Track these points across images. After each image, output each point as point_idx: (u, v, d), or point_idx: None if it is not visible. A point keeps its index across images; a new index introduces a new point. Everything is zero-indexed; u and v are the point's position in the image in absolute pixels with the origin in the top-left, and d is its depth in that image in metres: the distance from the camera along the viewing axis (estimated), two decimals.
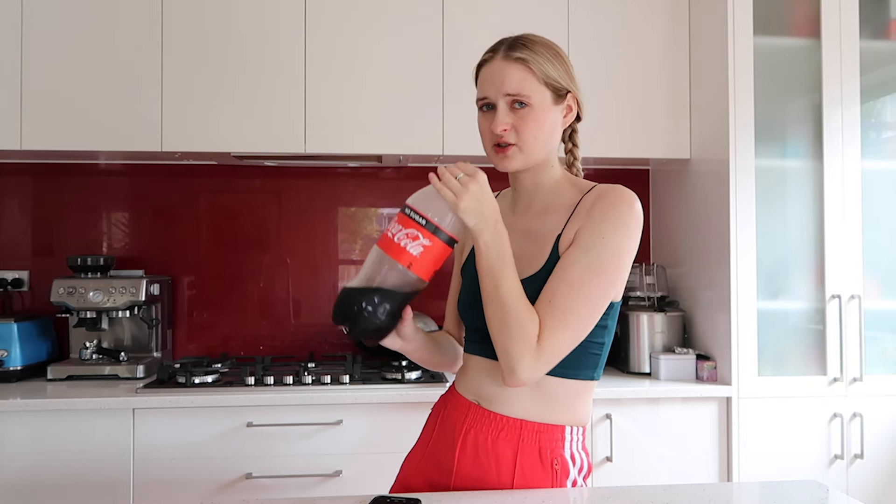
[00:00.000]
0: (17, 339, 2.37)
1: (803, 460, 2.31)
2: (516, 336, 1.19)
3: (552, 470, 1.28)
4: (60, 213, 2.71)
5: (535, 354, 1.19)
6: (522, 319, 1.19)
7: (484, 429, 1.31)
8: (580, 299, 1.21)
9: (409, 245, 1.18)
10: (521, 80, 1.27)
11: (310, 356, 2.61)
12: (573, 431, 1.31)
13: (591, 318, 1.24)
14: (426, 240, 1.18)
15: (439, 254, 1.20)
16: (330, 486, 2.17)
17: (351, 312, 1.19)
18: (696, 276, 2.56)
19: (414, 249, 1.17)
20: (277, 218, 2.80)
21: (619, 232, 1.24)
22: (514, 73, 1.28)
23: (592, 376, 1.32)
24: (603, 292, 1.24)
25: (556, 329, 1.20)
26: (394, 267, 1.18)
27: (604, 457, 2.26)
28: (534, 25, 2.47)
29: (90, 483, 2.10)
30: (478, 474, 1.29)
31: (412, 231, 1.18)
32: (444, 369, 1.52)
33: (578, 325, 1.22)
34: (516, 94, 1.27)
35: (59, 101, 2.36)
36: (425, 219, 1.18)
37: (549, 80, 1.28)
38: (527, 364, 1.19)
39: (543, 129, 1.28)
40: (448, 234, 1.19)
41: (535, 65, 1.27)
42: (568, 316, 1.21)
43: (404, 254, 1.18)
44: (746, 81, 2.33)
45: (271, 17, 2.42)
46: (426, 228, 1.18)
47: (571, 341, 1.23)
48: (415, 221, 1.18)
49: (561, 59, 1.31)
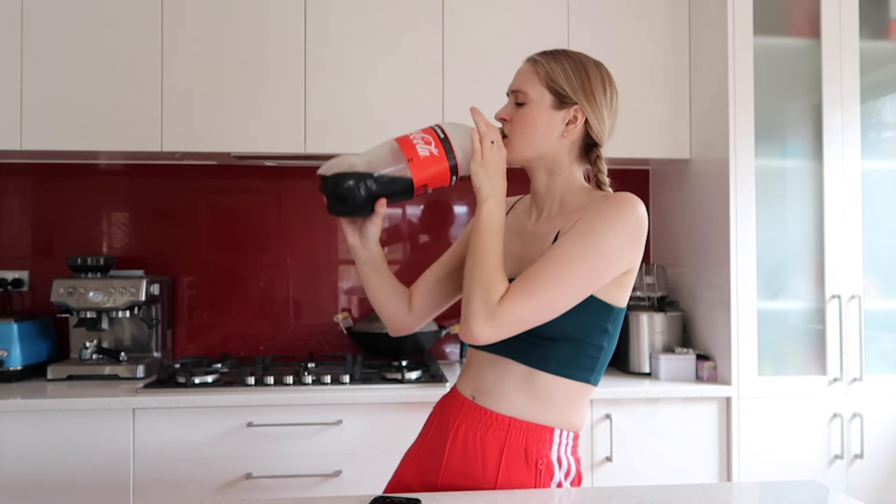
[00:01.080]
0: (17, 339, 2.37)
1: (803, 460, 2.31)
2: (481, 291, 1.23)
3: (536, 470, 1.29)
4: (60, 213, 2.71)
5: (490, 312, 1.22)
6: (492, 278, 1.24)
7: (474, 424, 1.33)
8: (553, 277, 1.23)
9: (419, 145, 1.27)
10: (525, 80, 1.34)
11: (310, 356, 2.61)
12: (563, 435, 1.32)
13: (561, 300, 1.24)
14: (436, 150, 1.27)
15: (439, 171, 1.28)
16: (330, 486, 2.17)
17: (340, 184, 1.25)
18: (696, 276, 2.56)
19: (422, 151, 1.27)
20: (277, 218, 2.80)
21: (612, 226, 1.25)
22: (523, 72, 1.36)
23: (589, 380, 1.32)
24: (581, 278, 1.24)
25: (520, 296, 1.23)
26: (396, 156, 1.26)
27: (604, 457, 2.26)
28: (534, 25, 2.49)
29: (90, 483, 2.10)
30: (465, 469, 1.31)
31: (429, 138, 1.28)
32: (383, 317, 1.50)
33: (544, 301, 1.23)
34: (516, 89, 1.35)
35: (59, 101, 2.36)
36: (447, 137, 1.28)
37: (552, 84, 1.32)
38: (481, 319, 1.22)
39: (533, 128, 1.32)
40: (457, 160, 1.28)
41: (542, 67, 1.33)
42: (537, 288, 1.23)
43: (412, 149, 1.26)
44: (746, 81, 2.33)
45: (271, 17, 2.42)
46: (442, 144, 1.27)
47: (533, 313, 1.23)
48: (436, 134, 1.28)
49: (582, 73, 1.33)
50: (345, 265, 2.82)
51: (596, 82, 1.34)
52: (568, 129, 1.33)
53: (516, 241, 1.37)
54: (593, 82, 1.33)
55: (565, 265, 1.23)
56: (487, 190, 1.27)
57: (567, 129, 1.33)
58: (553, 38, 2.48)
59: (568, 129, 1.33)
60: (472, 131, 1.29)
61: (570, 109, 1.32)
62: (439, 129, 1.29)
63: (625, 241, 1.26)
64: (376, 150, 1.29)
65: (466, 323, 1.24)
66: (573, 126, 1.33)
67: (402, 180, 1.27)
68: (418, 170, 1.27)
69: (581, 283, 1.24)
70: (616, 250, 1.25)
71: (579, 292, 1.25)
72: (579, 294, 1.25)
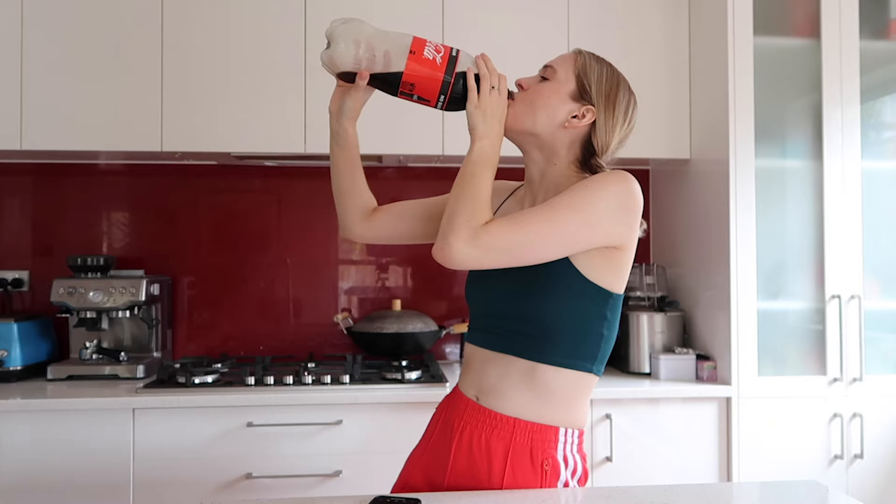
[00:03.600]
0: (17, 339, 2.37)
1: (803, 460, 2.31)
2: (466, 211, 1.22)
3: (542, 470, 1.29)
4: (60, 213, 2.71)
5: (473, 231, 1.21)
6: (479, 203, 1.23)
7: (479, 426, 1.32)
8: (544, 219, 1.23)
9: (428, 47, 1.29)
10: (563, 60, 1.36)
11: (310, 356, 2.61)
12: (567, 433, 1.32)
13: (547, 240, 1.23)
14: (440, 59, 1.28)
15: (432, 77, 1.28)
16: (330, 486, 2.17)
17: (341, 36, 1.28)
18: (696, 276, 2.56)
19: (428, 52, 1.28)
20: (277, 218, 2.80)
21: (605, 189, 1.25)
22: (564, 55, 1.38)
23: (591, 369, 1.32)
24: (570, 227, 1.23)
25: (507, 225, 1.23)
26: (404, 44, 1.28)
27: (604, 457, 2.26)
28: (534, 25, 2.49)
29: (90, 483, 2.10)
30: (471, 471, 1.31)
31: (441, 48, 1.29)
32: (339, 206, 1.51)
33: (530, 237, 1.22)
34: (549, 65, 1.36)
35: (59, 101, 2.36)
36: (456, 58, 1.29)
37: (581, 75, 1.33)
38: (462, 237, 1.20)
39: (543, 102, 1.33)
40: (452, 79, 1.28)
41: (582, 58, 1.35)
42: (522, 221, 1.23)
43: (420, 46, 1.28)
44: (746, 81, 2.33)
45: (271, 17, 2.42)
46: (449, 59, 1.29)
47: (516, 245, 1.22)
48: (449, 52, 1.30)
49: (613, 83, 1.34)
50: (345, 265, 2.82)
51: (622, 98, 1.34)
52: (572, 122, 1.32)
53: None
54: (619, 96, 1.34)
55: (556, 210, 1.23)
56: (482, 130, 1.28)
57: (571, 122, 1.32)
58: (553, 37, 2.49)
59: (572, 122, 1.32)
60: (469, 70, 1.30)
61: (582, 106, 1.32)
62: (455, 50, 1.31)
63: (616, 205, 1.25)
64: (392, 33, 1.31)
65: (446, 238, 1.21)
66: (577, 122, 1.32)
67: (392, 66, 1.28)
68: (414, 64, 1.27)
69: (569, 232, 1.24)
70: (607, 210, 1.25)
71: (564, 239, 1.24)
72: (564, 242, 1.24)
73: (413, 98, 1.31)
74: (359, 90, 1.34)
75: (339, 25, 1.29)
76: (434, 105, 1.32)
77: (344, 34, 1.28)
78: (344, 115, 1.40)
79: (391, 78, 1.29)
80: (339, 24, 1.29)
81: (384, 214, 1.52)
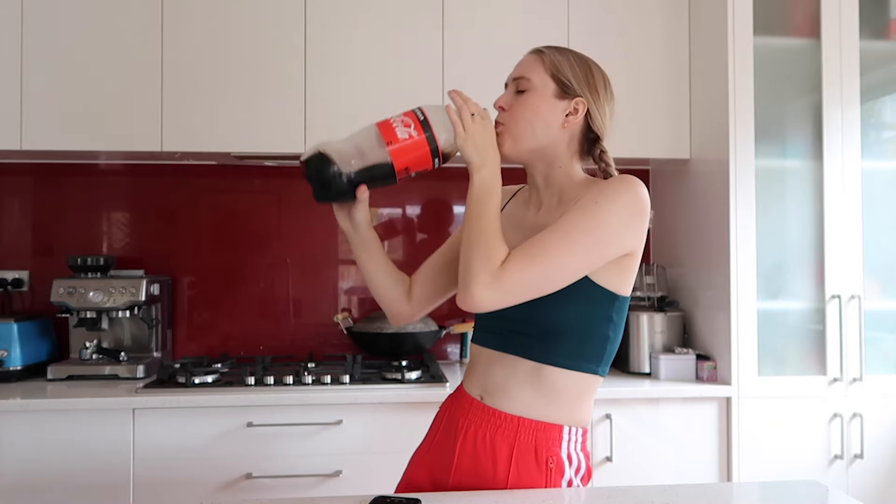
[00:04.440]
0: (17, 339, 2.37)
1: (803, 460, 2.31)
2: (480, 255, 1.22)
3: (546, 468, 1.29)
4: (60, 213, 2.71)
5: (492, 275, 1.21)
6: (491, 243, 1.23)
7: (483, 425, 1.33)
8: (557, 245, 1.22)
9: (398, 129, 1.26)
10: (529, 66, 1.34)
11: (310, 356, 2.61)
12: (572, 432, 1.32)
13: (564, 269, 1.23)
14: (415, 132, 1.26)
15: (419, 153, 1.27)
16: (330, 486, 2.17)
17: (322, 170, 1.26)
18: (696, 276, 2.56)
19: (401, 133, 1.26)
20: (277, 218, 2.80)
21: (614, 202, 1.25)
22: (527, 60, 1.36)
23: (596, 371, 1.32)
24: (584, 249, 1.23)
25: (523, 261, 1.22)
26: (377, 140, 1.26)
27: (604, 457, 2.26)
28: (534, 25, 2.49)
29: (90, 483, 2.10)
30: (475, 469, 1.31)
31: (409, 120, 1.27)
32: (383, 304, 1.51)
33: (547, 268, 1.22)
34: (520, 76, 1.34)
35: (59, 101, 2.36)
36: (426, 119, 1.27)
37: (556, 73, 1.32)
38: (482, 282, 1.21)
39: (535, 114, 1.32)
40: (437, 142, 1.27)
41: (548, 57, 1.33)
42: (538, 254, 1.22)
43: (391, 133, 1.26)
44: (746, 81, 2.33)
45: (271, 16, 2.42)
46: (421, 125, 1.27)
47: (535, 280, 1.22)
48: (416, 117, 1.28)
49: (586, 68, 1.34)
50: (345, 265, 2.82)
51: (598, 78, 1.35)
52: (568, 119, 1.33)
53: (516, 233, 1.36)
54: (596, 77, 1.34)
55: (569, 235, 1.23)
56: (477, 161, 1.26)
57: (567, 119, 1.33)
58: (553, 37, 2.46)
59: (568, 119, 1.33)
60: (448, 107, 1.28)
61: (571, 101, 1.32)
62: (419, 111, 1.28)
63: (627, 217, 1.25)
64: (358, 135, 1.29)
65: (467, 287, 1.22)
66: (573, 118, 1.33)
67: (382, 165, 1.27)
68: (399, 154, 1.26)
69: (584, 254, 1.24)
70: (619, 225, 1.25)
71: (582, 264, 1.24)
72: (582, 266, 1.24)
73: (412, 175, 1.31)
74: (364, 202, 1.33)
75: (312, 162, 1.26)
76: (432, 168, 1.31)
77: (320, 170, 1.26)
78: (361, 226, 1.39)
79: (384, 174, 1.28)
80: (311, 158, 1.27)
81: (418, 286, 1.51)
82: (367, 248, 1.43)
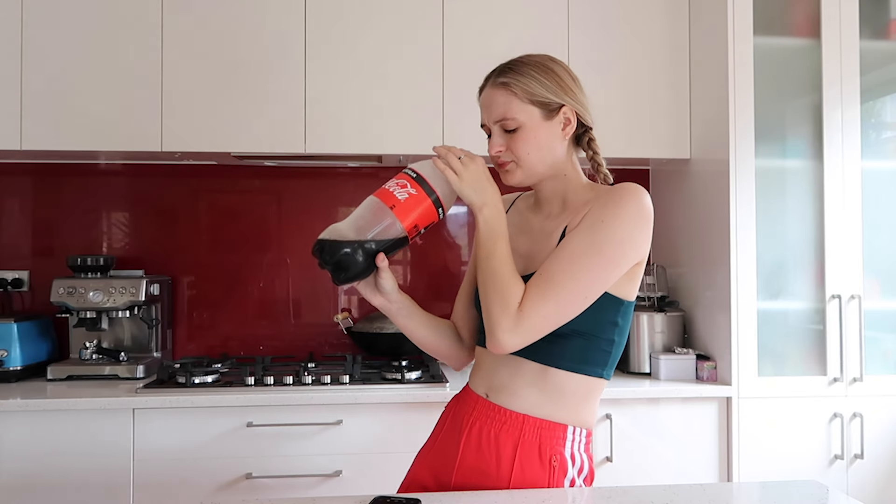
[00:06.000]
0: (17, 339, 2.37)
1: (803, 460, 2.31)
2: (499, 300, 1.24)
3: (550, 467, 1.30)
4: (60, 213, 2.71)
5: (514, 319, 1.23)
6: (507, 285, 1.25)
7: (488, 422, 1.34)
8: (568, 274, 1.24)
9: (396, 191, 1.29)
10: (505, 105, 1.32)
11: (310, 356, 2.61)
12: (576, 432, 1.33)
13: (580, 295, 1.25)
14: (413, 189, 1.29)
15: (424, 209, 1.29)
16: (330, 486, 2.17)
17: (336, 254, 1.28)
18: (696, 276, 2.56)
19: (400, 195, 1.29)
20: (277, 218, 2.80)
21: (620, 218, 1.26)
22: (498, 98, 1.33)
23: (602, 374, 1.33)
24: (595, 272, 1.25)
25: (539, 299, 1.24)
26: (380, 209, 1.28)
27: (604, 457, 2.26)
28: (533, 25, 2.49)
29: (90, 483, 2.10)
30: (479, 466, 1.32)
31: (403, 182, 1.30)
32: (441, 356, 1.52)
33: (563, 299, 1.24)
34: (502, 118, 1.33)
35: (59, 101, 2.36)
36: (419, 175, 1.30)
37: (534, 99, 1.32)
38: (505, 327, 1.23)
39: (536, 145, 1.33)
40: (436, 194, 1.29)
41: (517, 87, 1.32)
42: (554, 287, 1.24)
43: (391, 197, 1.29)
44: (746, 81, 2.33)
45: (271, 17, 2.42)
46: (417, 182, 1.30)
47: (555, 314, 1.24)
48: (409, 176, 1.31)
49: (552, 74, 1.33)
50: None
51: (565, 76, 1.35)
52: (566, 131, 1.35)
53: (522, 239, 1.38)
54: (563, 78, 1.35)
55: (579, 260, 1.24)
56: (478, 201, 1.28)
57: (565, 132, 1.35)
58: (553, 38, 2.48)
59: (566, 131, 1.35)
60: (434, 159, 1.30)
61: (559, 113, 1.33)
62: (410, 170, 1.32)
63: (635, 230, 1.27)
64: (360, 211, 1.31)
65: (493, 335, 1.25)
66: (570, 127, 1.35)
67: (392, 230, 1.29)
68: (404, 214, 1.28)
69: (598, 276, 1.25)
70: (628, 240, 1.26)
71: (597, 286, 1.26)
72: (598, 287, 1.26)
73: (422, 232, 1.33)
74: (386, 270, 1.33)
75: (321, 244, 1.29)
76: (438, 219, 1.33)
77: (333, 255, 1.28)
78: (391, 293, 1.37)
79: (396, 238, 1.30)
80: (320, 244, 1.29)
81: (463, 327, 1.52)
82: (405, 313, 1.43)
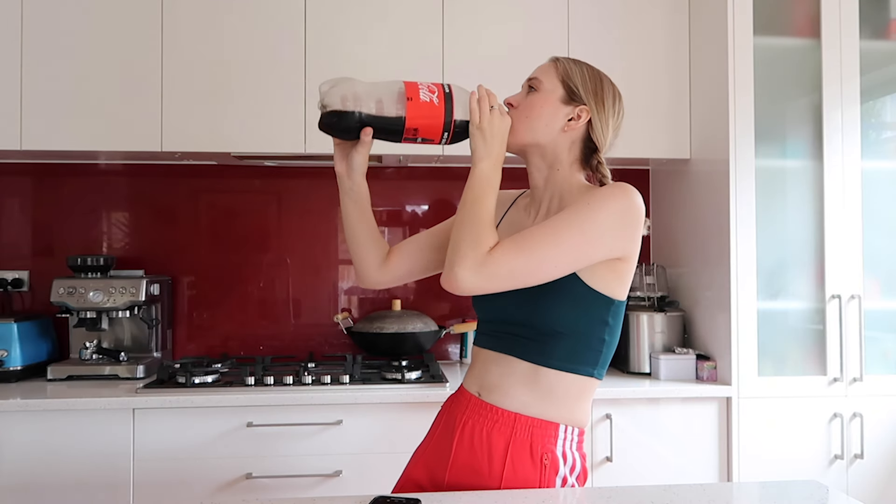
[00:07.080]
0: (17, 339, 2.37)
1: (803, 460, 2.31)
2: (471, 239, 1.25)
3: (541, 465, 1.30)
4: (60, 213, 2.71)
5: (479, 260, 1.24)
6: (482, 229, 1.26)
7: (480, 420, 1.34)
8: (547, 239, 1.25)
9: (423, 91, 1.31)
10: (544, 70, 1.39)
11: (310, 356, 2.61)
12: (568, 430, 1.33)
13: (551, 263, 1.25)
14: (437, 100, 1.30)
15: (434, 119, 1.30)
16: (330, 486, 2.17)
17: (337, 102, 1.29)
18: (696, 276, 2.56)
19: (423, 96, 1.30)
20: (277, 218, 2.80)
21: (607, 206, 1.27)
22: (544, 65, 1.41)
23: (593, 373, 1.34)
24: (573, 246, 1.25)
25: (512, 251, 1.25)
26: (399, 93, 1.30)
27: (604, 457, 2.26)
28: (534, 25, 2.49)
29: (90, 483, 2.10)
30: (471, 465, 1.33)
31: (434, 88, 1.32)
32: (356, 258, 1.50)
33: (535, 259, 1.24)
34: (533, 77, 1.39)
35: (59, 101, 2.36)
36: (451, 93, 1.32)
37: (566, 80, 1.36)
38: (468, 265, 1.23)
39: (538, 113, 1.36)
40: (453, 116, 1.31)
41: (562, 64, 1.38)
42: (529, 246, 1.25)
43: (415, 91, 1.30)
44: (746, 81, 2.33)
45: (271, 17, 2.42)
46: (445, 97, 1.31)
47: (521, 270, 1.25)
48: (442, 89, 1.32)
49: (596, 79, 1.38)
50: (345, 265, 2.82)
51: (608, 92, 1.38)
52: (570, 125, 1.36)
53: None
54: (605, 91, 1.38)
55: (560, 230, 1.25)
56: (482, 152, 1.30)
57: (569, 124, 1.36)
58: (553, 38, 2.48)
59: (570, 125, 1.36)
60: (472, 94, 1.33)
61: (576, 107, 1.36)
62: (447, 85, 1.33)
63: (618, 221, 1.27)
64: (382, 83, 1.33)
65: (452, 267, 1.24)
66: (575, 123, 1.36)
67: (395, 118, 1.30)
68: (414, 112, 1.30)
69: (572, 250, 1.26)
70: (608, 227, 1.27)
71: (569, 260, 1.26)
72: (570, 262, 1.26)
73: (417, 141, 1.33)
74: (365, 146, 1.35)
75: (330, 88, 1.30)
76: (438, 142, 1.34)
77: (338, 94, 1.29)
78: (356, 172, 1.40)
79: (393, 127, 1.31)
80: (330, 87, 1.30)
81: (398, 256, 1.52)
82: (356, 197, 1.44)
